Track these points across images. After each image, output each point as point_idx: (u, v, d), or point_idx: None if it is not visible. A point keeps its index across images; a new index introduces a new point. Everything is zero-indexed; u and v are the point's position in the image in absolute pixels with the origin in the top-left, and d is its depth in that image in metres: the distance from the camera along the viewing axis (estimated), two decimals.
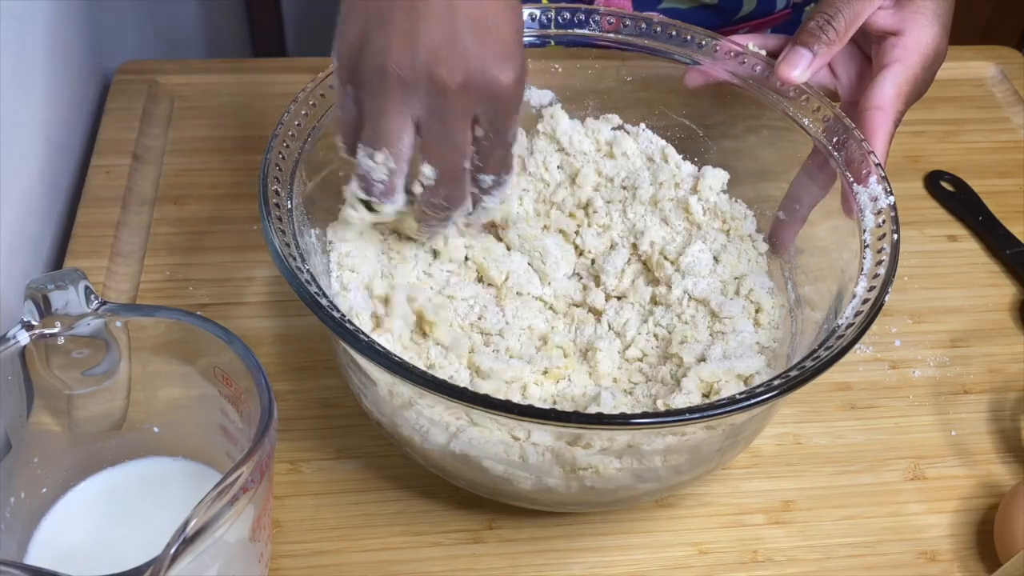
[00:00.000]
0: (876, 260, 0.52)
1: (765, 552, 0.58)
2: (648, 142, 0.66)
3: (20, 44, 0.68)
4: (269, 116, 0.78)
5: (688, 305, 0.59)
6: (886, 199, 0.54)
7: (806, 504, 0.60)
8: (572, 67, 0.66)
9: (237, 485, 0.41)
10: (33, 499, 0.51)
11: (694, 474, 0.54)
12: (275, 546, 0.56)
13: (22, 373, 0.48)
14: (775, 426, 0.63)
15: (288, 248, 0.50)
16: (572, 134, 0.66)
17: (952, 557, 0.58)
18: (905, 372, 0.67)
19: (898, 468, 0.62)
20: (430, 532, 0.57)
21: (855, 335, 0.48)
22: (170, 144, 0.77)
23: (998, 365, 0.68)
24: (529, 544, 0.57)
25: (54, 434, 0.51)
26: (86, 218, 0.71)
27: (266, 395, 0.45)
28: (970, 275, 0.74)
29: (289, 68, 0.84)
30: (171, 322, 0.49)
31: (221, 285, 0.68)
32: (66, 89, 0.77)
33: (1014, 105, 0.87)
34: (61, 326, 0.47)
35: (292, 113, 0.56)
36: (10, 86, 0.66)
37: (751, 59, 0.61)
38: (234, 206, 0.73)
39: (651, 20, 0.63)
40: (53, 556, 0.50)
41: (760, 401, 0.45)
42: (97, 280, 0.67)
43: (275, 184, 0.52)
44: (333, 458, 0.60)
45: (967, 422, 0.65)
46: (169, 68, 0.83)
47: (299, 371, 0.64)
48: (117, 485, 0.53)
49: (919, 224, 0.77)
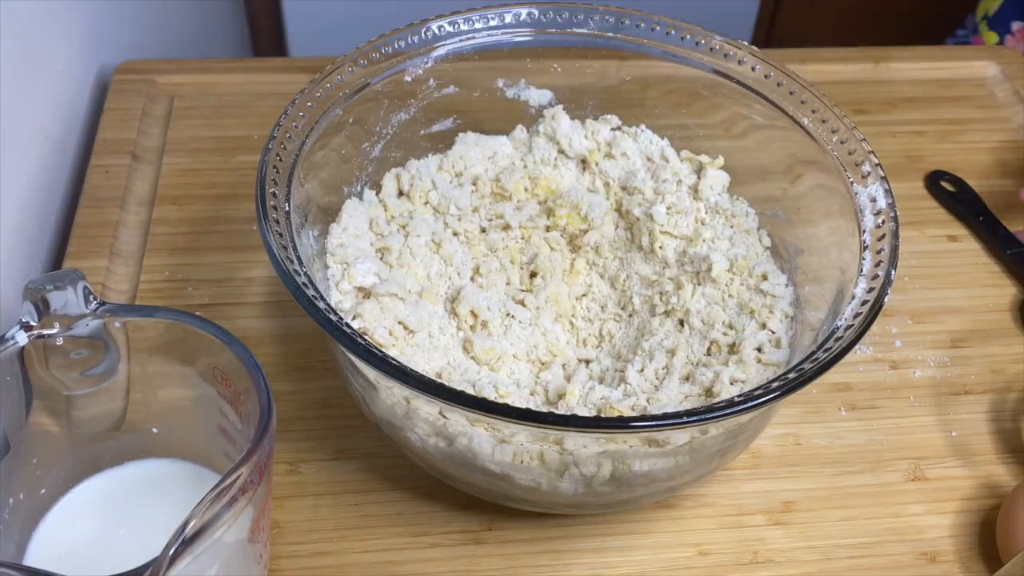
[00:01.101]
0: (875, 261, 0.52)
1: (765, 553, 0.58)
2: (648, 142, 0.66)
3: (19, 44, 0.68)
4: (268, 116, 0.78)
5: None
6: (886, 199, 0.54)
7: (806, 505, 0.60)
8: (572, 67, 0.66)
9: (236, 486, 0.41)
10: (32, 500, 0.51)
11: (694, 475, 0.54)
12: (274, 547, 0.56)
13: (21, 374, 0.48)
14: (775, 427, 0.63)
15: (285, 251, 0.50)
16: (572, 134, 0.66)
17: (953, 558, 0.58)
18: (905, 372, 0.67)
19: (899, 469, 0.62)
20: (430, 533, 0.57)
21: (854, 337, 0.48)
22: (169, 144, 0.77)
23: (999, 365, 0.68)
24: (529, 545, 0.57)
25: (53, 435, 0.51)
26: (85, 218, 0.71)
27: (265, 396, 0.45)
28: (970, 275, 0.74)
29: (289, 68, 0.84)
30: (170, 323, 0.49)
31: (220, 285, 0.68)
32: (65, 89, 0.77)
33: (1014, 105, 0.87)
34: (60, 327, 0.47)
35: (290, 115, 0.56)
36: (9, 86, 0.66)
37: (751, 58, 0.61)
38: (233, 206, 0.73)
39: (651, 20, 0.63)
40: (52, 557, 0.50)
41: (758, 404, 0.45)
42: (96, 280, 0.67)
43: (272, 186, 0.52)
44: (333, 459, 0.60)
45: (968, 422, 0.64)
46: (168, 68, 0.83)
47: (298, 371, 0.64)
48: (116, 486, 0.53)
49: (919, 224, 0.77)
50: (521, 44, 0.63)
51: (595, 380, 0.58)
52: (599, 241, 0.63)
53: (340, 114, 0.59)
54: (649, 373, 0.57)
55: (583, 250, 0.63)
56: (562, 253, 0.63)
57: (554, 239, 0.63)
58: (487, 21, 0.62)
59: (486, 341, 0.58)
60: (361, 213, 0.62)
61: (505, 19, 0.63)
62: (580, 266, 0.63)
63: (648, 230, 0.62)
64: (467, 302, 0.59)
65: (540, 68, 0.66)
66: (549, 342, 0.60)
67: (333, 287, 0.57)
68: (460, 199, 0.64)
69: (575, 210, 0.63)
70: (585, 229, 0.63)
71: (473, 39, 0.62)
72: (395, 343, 0.56)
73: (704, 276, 0.60)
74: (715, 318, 0.58)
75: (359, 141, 0.62)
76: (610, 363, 0.59)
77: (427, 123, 0.66)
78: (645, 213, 0.62)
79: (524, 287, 0.63)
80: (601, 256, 0.63)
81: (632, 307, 0.61)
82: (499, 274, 0.62)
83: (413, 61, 0.62)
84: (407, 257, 0.61)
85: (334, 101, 0.58)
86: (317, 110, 0.57)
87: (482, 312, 0.59)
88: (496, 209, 0.64)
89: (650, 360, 0.57)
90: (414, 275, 0.60)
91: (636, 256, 0.63)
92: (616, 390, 0.56)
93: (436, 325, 0.58)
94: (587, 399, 0.55)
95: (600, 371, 0.59)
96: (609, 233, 0.63)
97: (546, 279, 0.62)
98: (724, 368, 0.55)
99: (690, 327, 0.59)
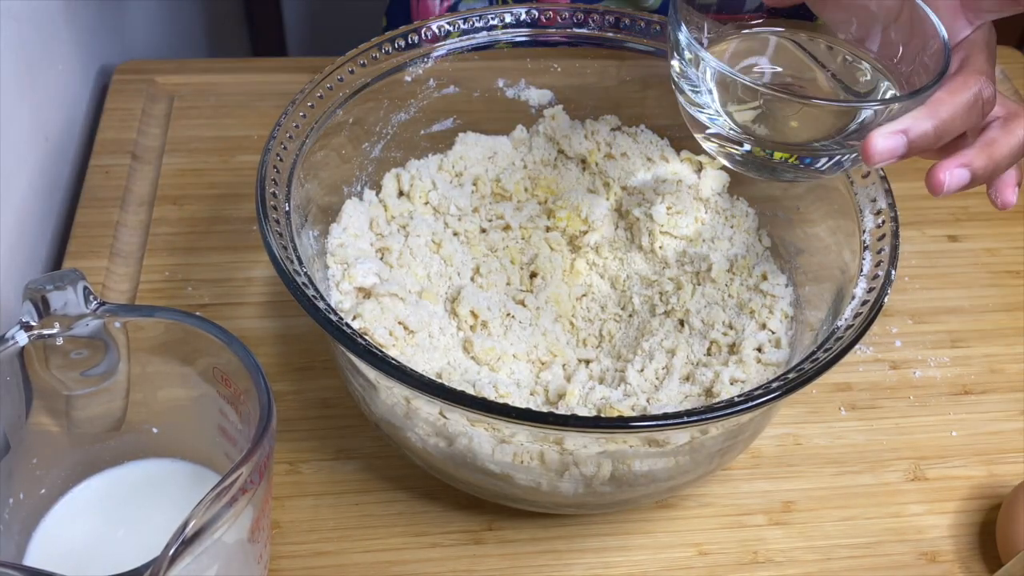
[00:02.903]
0: (875, 261, 0.52)
1: (765, 553, 0.58)
2: (648, 142, 0.66)
3: (19, 44, 0.68)
4: (268, 116, 0.78)
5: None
6: (886, 199, 0.54)
7: (807, 505, 0.60)
8: (572, 67, 0.66)
9: (236, 486, 0.41)
10: (32, 500, 0.51)
11: (694, 475, 0.54)
12: (274, 547, 0.56)
13: (21, 374, 0.48)
14: (775, 427, 0.63)
15: (285, 251, 0.50)
16: (572, 134, 0.66)
17: (953, 558, 0.58)
18: (905, 373, 0.67)
19: (899, 469, 0.62)
20: (430, 533, 0.57)
21: (854, 337, 0.48)
22: (169, 144, 0.77)
23: (999, 365, 0.68)
24: (529, 545, 0.57)
25: (53, 435, 0.51)
26: (85, 218, 0.71)
27: (265, 396, 0.45)
28: (970, 275, 0.74)
29: (288, 68, 0.84)
30: (170, 323, 0.48)
31: (220, 285, 0.68)
32: (65, 89, 0.77)
33: None
34: (60, 327, 0.47)
35: (290, 115, 0.56)
36: (9, 86, 0.66)
37: None
38: (233, 206, 0.73)
39: (651, 20, 0.63)
40: (52, 557, 0.50)
41: (758, 404, 0.45)
42: (96, 280, 0.67)
43: (272, 186, 0.52)
44: (333, 459, 0.60)
45: (968, 422, 0.64)
46: (168, 68, 0.83)
47: (298, 371, 0.64)
48: (116, 486, 0.53)
49: (919, 224, 0.76)
50: (521, 44, 0.63)
51: (595, 380, 0.58)
52: (599, 241, 0.63)
53: (340, 114, 0.59)
54: (649, 373, 0.57)
55: (583, 250, 0.63)
56: (562, 253, 0.63)
57: (554, 239, 0.63)
58: (487, 21, 0.62)
59: (486, 341, 0.58)
60: (361, 213, 0.62)
61: (505, 19, 0.63)
62: (580, 266, 0.63)
63: (648, 230, 0.62)
64: (467, 302, 0.59)
65: (540, 68, 0.66)
66: (549, 342, 0.60)
67: (333, 287, 0.57)
68: (460, 199, 0.64)
69: (575, 210, 0.63)
70: (585, 230, 0.63)
71: (473, 39, 0.62)
72: (395, 343, 0.56)
73: (704, 276, 0.60)
74: (715, 318, 0.58)
75: (359, 141, 0.62)
76: (610, 363, 0.59)
77: (427, 123, 0.66)
78: (645, 213, 0.62)
79: (524, 287, 0.63)
80: (601, 256, 0.63)
81: (632, 307, 0.61)
82: (499, 274, 0.62)
83: (413, 61, 0.62)
84: (407, 257, 0.61)
85: (334, 101, 0.58)
86: (317, 110, 0.57)
87: (482, 312, 0.59)
88: (496, 209, 0.64)
89: (650, 360, 0.57)
90: (414, 275, 0.60)
91: (636, 256, 0.63)
92: (616, 390, 0.56)
93: (436, 325, 0.58)
94: (587, 399, 0.55)
95: (600, 371, 0.59)
96: (609, 233, 0.64)
97: (546, 279, 0.62)
98: (724, 368, 0.55)
99: (690, 327, 0.59)
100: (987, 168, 0.47)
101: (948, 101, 0.45)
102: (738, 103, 0.47)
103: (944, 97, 0.45)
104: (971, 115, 0.46)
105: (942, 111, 0.45)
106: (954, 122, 0.45)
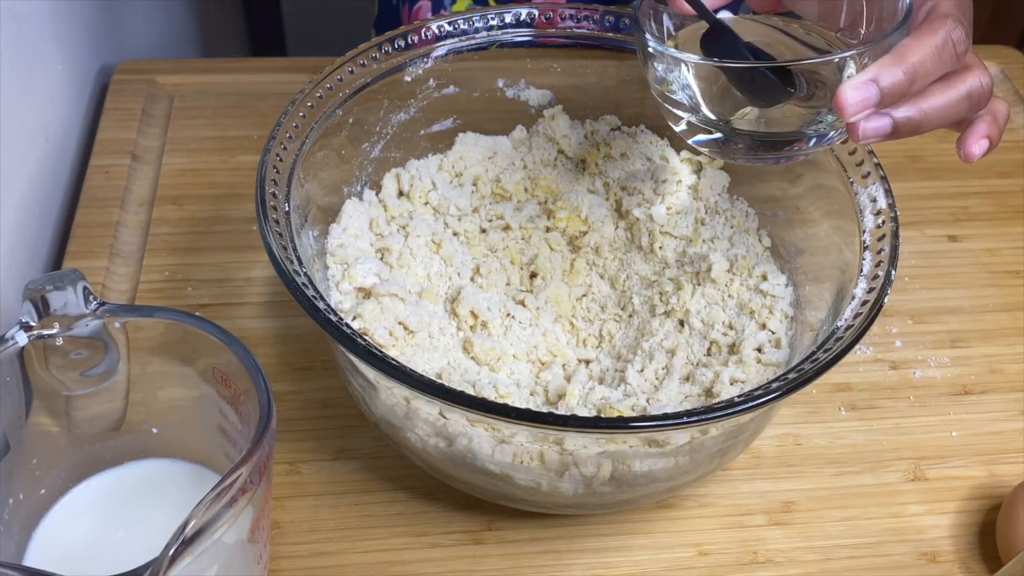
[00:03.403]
0: (875, 261, 0.52)
1: (766, 553, 0.58)
2: (648, 142, 0.66)
3: (19, 44, 0.68)
4: (268, 116, 0.78)
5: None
6: (886, 199, 0.54)
7: (807, 505, 0.60)
8: (572, 67, 0.66)
9: (236, 486, 0.41)
10: (32, 500, 0.51)
11: (694, 475, 0.54)
12: (274, 547, 0.56)
13: (21, 374, 0.48)
14: (775, 427, 0.63)
15: (285, 251, 0.50)
16: (572, 134, 0.66)
17: (953, 558, 0.58)
18: (905, 373, 0.67)
19: (899, 469, 0.62)
20: (430, 533, 0.57)
21: (854, 337, 0.48)
22: (169, 144, 0.77)
23: (998, 365, 0.68)
24: (529, 545, 0.57)
25: (53, 435, 0.51)
26: (85, 218, 0.71)
27: (265, 396, 0.45)
28: (970, 275, 0.74)
29: (288, 68, 0.84)
30: (170, 323, 0.48)
31: (220, 285, 0.68)
32: (65, 89, 0.77)
33: (1014, 105, 0.86)
34: (60, 327, 0.47)
35: (290, 115, 0.56)
36: (9, 86, 0.66)
37: None
38: (233, 206, 0.73)
39: None
40: (52, 557, 0.49)
41: (758, 404, 0.45)
42: (96, 281, 0.67)
43: (272, 187, 0.52)
44: (332, 459, 0.60)
45: (968, 423, 0.64)
46: (168, 68, 0.83)
47: (298, 371, 0.64)
48: (116, 486, 0.53)
49: (919, 224, 0.76)
50: (521, 44, 0.63)
51: (595, 380, 0.58)
52: (599, 241, 0.63)
53: (340, 114, 0.59)
54: (649, 373, 0.57)
55: (583, 250, 0.63)
56: (562, 253, 0.63)
57: (554, 239, 0.63)
58: (487, 21, 0.62)
59: (486, 341, 0.58)
60: (361, 213, 0.62)
61: (505, 19, 0.63)
62: (580, 266, 0.63)
63: (648, 230, 0.62)
64: (467, 302, 0.59)
65: (540, 68, 0.66)
66: (549, 342, 0.60)
67: (333, 287, 0.58)
68: (460, 199, 0.64)
69: (575, 211, 0.63)
70: (585, 230, 0.63)
71: (473, 39, 0.62)
72: (395, 343, 0.56)
73: (704, 276, 0.60)
74: (715, 318, 0.58)
75: (359, 141, 0.62)
76: (610, 363, 0.59)
77: (427, 123, 0.66)
78: (645, 213, 0.62)
79: (524, 287, 0.63)
80: (601, 256, 0.63)
81: (632, 307, 0.61)
82: (499, 274, 0.62)
83: (413, 61, 0.62)
84: (407, 257, 0.61)
85: (334, 101, 0.58)
86: (317, 110, 0.57)
87: (482, 312, 0.59)
88: (496, 209, 0.64)
89: (650, 360, 0.57)
90: (414, 275, 0.60)
91: (636, 256, 0.63)
92: (616, 390, 0.56)
93: (436, 325, 0.58)
94: (587, 399, 0.55)
95: (600, 371, 0.59)
96: (609, 233, 0.63)
97: (546, 279, 0.62)
98: (724, 368, 0.55)
99: (690, 327, 0.59)
100: (913, 117, 0.48)
101: (914, 46, 0.46)
102: (712, 83, 0.48)
103: (910, 43, 0.46)
104: (943, 57, 0.46)
105: (910, 55, 0.46)
106: (924, 65, 0.46)
